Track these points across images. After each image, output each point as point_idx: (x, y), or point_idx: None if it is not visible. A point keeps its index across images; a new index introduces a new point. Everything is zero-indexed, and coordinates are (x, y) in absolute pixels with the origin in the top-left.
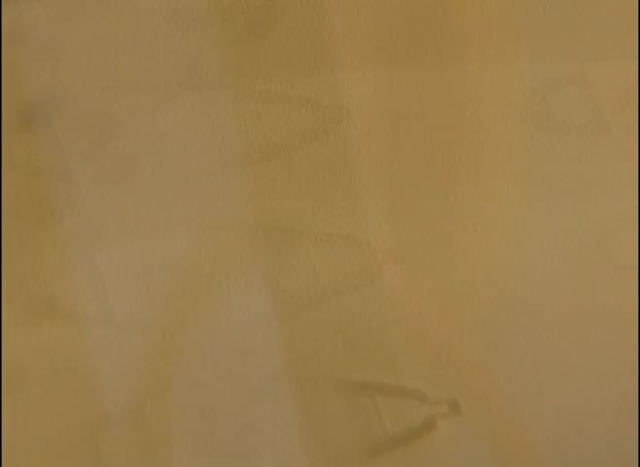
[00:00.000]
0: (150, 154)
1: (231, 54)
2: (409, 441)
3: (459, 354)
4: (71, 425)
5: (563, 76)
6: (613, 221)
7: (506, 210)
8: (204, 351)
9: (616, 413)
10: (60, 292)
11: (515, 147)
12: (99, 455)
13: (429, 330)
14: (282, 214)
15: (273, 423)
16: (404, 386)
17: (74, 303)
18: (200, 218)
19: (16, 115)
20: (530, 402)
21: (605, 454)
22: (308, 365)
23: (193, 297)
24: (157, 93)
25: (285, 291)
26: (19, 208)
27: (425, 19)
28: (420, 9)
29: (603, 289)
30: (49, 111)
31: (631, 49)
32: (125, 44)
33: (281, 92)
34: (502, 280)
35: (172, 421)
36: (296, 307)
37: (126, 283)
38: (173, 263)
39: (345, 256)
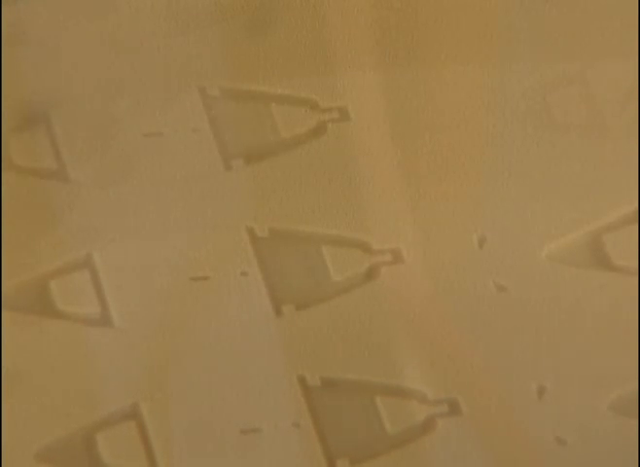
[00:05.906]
0: (150, 154)
1: (231, 54)
2: (409, 441)
3: (459, 354)
4: (70, 425)
5: (563, 76)
6: (613, 221)
7: (506, 210)
8: (204, 351)
9: (616, 413)
10: (59, 292)
11: (515, 147)
12: (98, 456)
13: (429, 330)
14: (282, 214)
15: (273, 423)
16: (404, 386)
17: (73, 303)
18: (200, 218)
19: (16, 115)
20: (530, 402)
21: (605, 454)
22: (308, 365)
23: (193, 297)
24: (156, 93)
25: (285, 291)
26: (19, 208)
27: (425, 19)
28: (420, 9)
29: (602, 289)
30: (49, 111)
31: (631, 49)
32: (125, 44)
33: (281, 92)
34: (502, 280)
35: (172, 421)
36: (296, 307)
37: (126, 283)
38: (173, 263)
39: (346, 256)
